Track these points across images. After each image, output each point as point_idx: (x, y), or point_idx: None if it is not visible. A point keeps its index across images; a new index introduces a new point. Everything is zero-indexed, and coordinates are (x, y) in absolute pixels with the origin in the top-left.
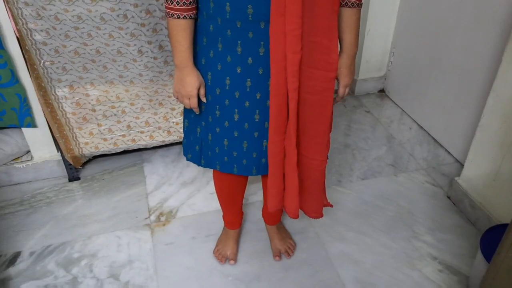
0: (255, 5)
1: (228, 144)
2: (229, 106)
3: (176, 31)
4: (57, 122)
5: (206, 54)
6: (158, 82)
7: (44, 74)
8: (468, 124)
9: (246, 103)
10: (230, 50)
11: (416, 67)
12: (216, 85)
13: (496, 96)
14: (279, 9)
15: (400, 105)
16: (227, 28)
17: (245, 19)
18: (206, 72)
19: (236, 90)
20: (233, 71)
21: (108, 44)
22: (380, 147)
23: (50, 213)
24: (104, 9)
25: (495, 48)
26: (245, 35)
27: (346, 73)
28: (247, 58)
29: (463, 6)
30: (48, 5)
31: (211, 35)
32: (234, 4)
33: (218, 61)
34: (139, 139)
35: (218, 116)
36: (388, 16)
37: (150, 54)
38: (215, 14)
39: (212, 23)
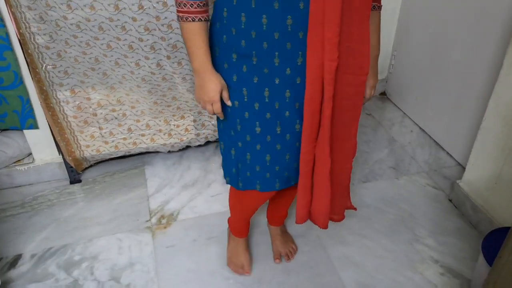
0: (295, 16)
1: (271, 159)
2: (271, 119)
3: (192, 35)
4: (58, 125)
5: (237, 70)
6: (156, 93)
7: (46, 77)
8: (470, 127)
9: (287, 113)
10: (267, 62)
11: (417, 70)
12: (254, 100)
13: (497, 99)
14: (318, 18)
15: (402, 108)
16: (263, 41)
17: (283, 30)
18: (241, 88)
19: (276, 101)
20: (272, 83)
21: (106, 55)
22: (382, 150)
23: (51, 216)
24: (103, 19)
25: (496, 51)
26: (283, 46)
27: (371, 74)
28: (285, 69)
29: (464, 9)
30: (49, 11)
31: (243, 51)
32: (272, 17)
33: (254, 75)
34: (140, 142)
35: (259, 132)
36: (389, 19)
37: (148, 69)
38: (249, 28)
39: (244, 38)
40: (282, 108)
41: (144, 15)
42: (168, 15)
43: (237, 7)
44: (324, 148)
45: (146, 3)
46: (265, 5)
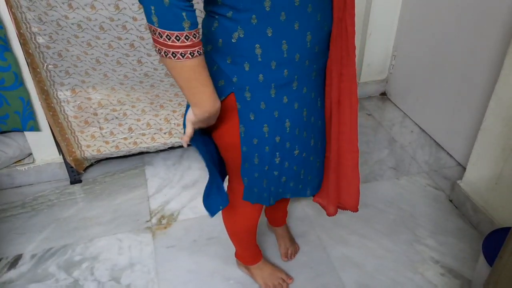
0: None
1: (286, 179)
2: (291, 147)
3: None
4: (59, 125)
5: (254, 108)
6: (159, 87)
7: (47, 77)
8: (470, 127)
9: (304, 133)
10: (286, 90)
11: (417, 70)
12: (276, 134)
13: (498, 99)
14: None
15: (402, 108)
16: (284, 69)
17: (304, 49)
18: (260, 126)
19: (296, 128)
20: (291, 110)
21: (108, 54)
22: (382, 150)
23: (51, 216)
24: (103, 18)
25: (496, 51)
26: (302, 66)
27: None
28: (302, 89)
29: (465, 9)
30: (50, 11)
31: (258, 86)
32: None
33: (274, 109)
34: (141, 142)
35: (278, 162)
36: (389, 19)
37: (150, 65)
38: (267, 59)
39: (262, 72)
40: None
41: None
42: None
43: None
44: (352, 138)
45: None
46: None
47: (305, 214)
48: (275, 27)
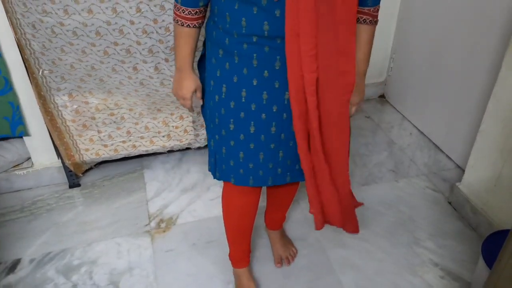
0: (271, 22)
1: (244, 156)
2: (245, 119)
3: (179, 37)
4: (57, 130)
5: (222, 66)
6: (154, 96)
7: (43, 83)
8: (469, 129)
9: (263, 115)
10: (246, 62)
11: (416, 73)
12: (231, 98)
13: (496, 101)
14: (293, 29)
15: (401, 111)
16: (243, 42)
17: (261, 34)
18: (221, 84)
19: (252, 102)
20: (249, 83)
21: (103, 61)
22: (381, 153)
23: (50, 220)
24: (100, 22)
25: (494, 53)
26: (261, 49)
27: (356, 91)
28: (263, 71)
29: (462, 12)
30: (45, 17)
31: (227, 48)
32: (250, 20)
33: (234, 73)
34: (140, 145)
35: (233, 129)
36: (387, 22)
37: (146, 72)
38: (231, 28)
39: (228, 37)
40: (258, 109)
41: (142, 18)
42: (166, 18)
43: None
44: (319, 158)
45: (144, 6)
46: (245, 9)
47: (304, 217)
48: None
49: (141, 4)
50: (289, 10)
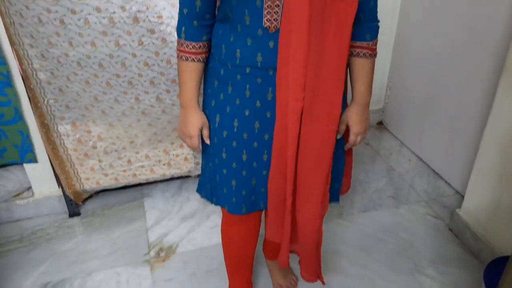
0: (265, 54)
1: (236, 184)
2: (237, 148)
3: (183, 72)
4: (58, 158)
5: (216, 96)
6: (156, 125)
7: (48, 111)
8: (467, 155)
9: (255, 143)
10: (239, 93)
11: (413, 100)
12: (224, 128)
13: (492, 128)
14: (285, 57)
15: (399, 137)
16: (237, 73)
17: (254, 65)
18: (215, 114)
19: (244, 132)
20: (242, 114)
21: (106, 92)
22: (380, 179)
23: (49, 250)
24: (103, 55)
25: (489, 80)
26: (253, 80)
27: (356, 120)
28: (255, 102)
29: (456, 41)
30: (51, 48)
31: (222, 78)
32: (244, 51)
33: (227, 104)
34: (140, 173)
35: (225, 158)
36: (383, 51)
37: (148, 102)
38: (226, 59)
39: (223, 68)
40: (250, 138)
41: (144, 51)
42: (167, 50)
43: (220, 38)
44: (289, 186)
45: (146, 39)
46: (240, 41)
47: None
48: (235, 36)
49: (143, 37)
50: (283, 41)
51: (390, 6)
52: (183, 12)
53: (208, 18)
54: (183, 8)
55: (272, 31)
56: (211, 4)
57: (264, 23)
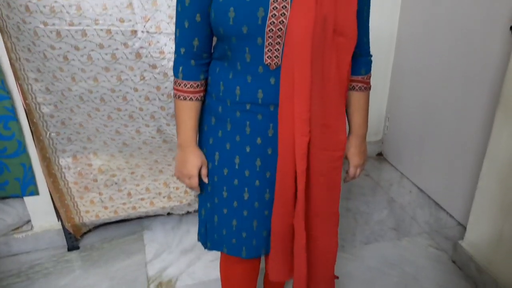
0: (265, 90)
1: (237, 224)
2: (238, 186)
3: (181, 112)
4: (59, 192)
5: (214, 134)
6: (157, 153)
7: (50, 144)
8: (468, 186)
9: (256, 182)
10: (239, 130)
11: (411, 131)
12: (224, 165)
13: (491, 159)
14: (288, 93)
15: (399, 168)
16: (236, 109)
17: (255, 102)
18: (214, 152)
19: (246, 169)
20: (243, 150)
21: (107, 125)
22: (382, 211)
23: (47, 285)
24: (105, 90)
25: (485, 111)
26: (254, 117)
27: (355, 152)
28: (256, 138)
29: (452, 72)
30: (56, 82)
31: (220, 116)
32: (244, 88)
33: (226, 141)
34: (140, 206)
35: (226, 197)
36: (381, 82)
37: (148, 134)
38: (225, 96)
39: (221, 105)
40: (252, 176)
41: (145, 85)
42: (169, 85)
43: (217, 76)
44: (300, 223)
45: (148, 74)
46: (239, 78)
47: None
48: (234, 73)
49: (145, 72)
50: (285, 77)
51: (387, 39)
52: (180, 52)
53: (205, 57)
54: (180, 48)
55: (273, 67)
56: (208, 43)
57: (265, 60)
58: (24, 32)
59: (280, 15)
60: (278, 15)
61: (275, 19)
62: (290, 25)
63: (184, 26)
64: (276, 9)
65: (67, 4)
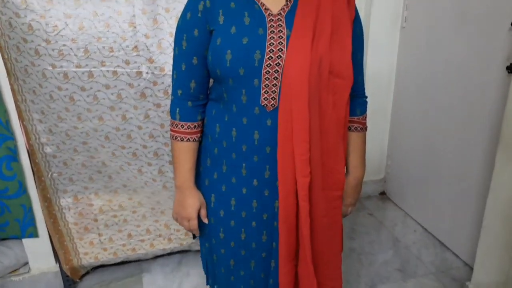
0: (262, 132)
1: (235, 263)
2: (235, 227)
3: (178, 153)
4: (58, 232)
5: (210, 175)
6: (159, 195)
7: (51, 185)
8: (472, 225)
9: (253, 223)
10: (235, 172)
11: (413, 170)
12: (220, 207)
13: (494, 197)
14: (287, 134)
15: (403, 208)
16: (232, 151)
17: (251, 144)
18: (210, 194)
19: (242, 210)
20: (239, 192)
21: (111, 160)
22: (386, 251)
23: None
24: (109, 128)
25: (487, 150)
26: (250, 159)
27: (350, 193)
28: (252, 180)
29: (452, 112)
30: (60, 123)
31: (215, 157)
32: (240, 130)
33: (222, 183)
34: (140, 248)
35: (223, 238)
36: (381, 121)
37: (149, 175)
38: (221, 138)
39: (217, 146)
40: (249, 217)
41: (149, 123)
42: None
43: (213, 119)
44: (308, 268)
45: (152, 112)
46: (235, 120)
47: None
48: (230, 115)
49: (149, 111)
50: (283, 118)
51: (386, 79)
52: (177, 93)
53: (202, 98)
54: (177, 90)
55: (270, 109)
56: (204, 85)
57: (262, 101)
58: (31, 74)
59: (276, 58)
60: (274, 58)
61: (272, 61)
62: (287, 66)
63: (181, 69)
64: (272, 51)
65: (75, 47)
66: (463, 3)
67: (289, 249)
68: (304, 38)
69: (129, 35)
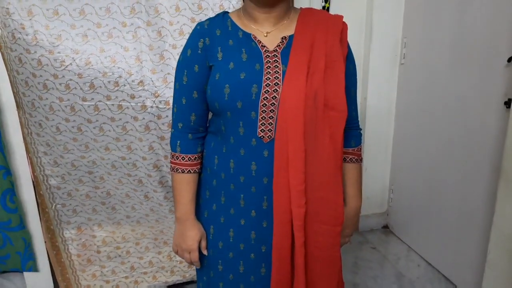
0: (259, 163)
1: None
2: (234, 258)
3: (179, 185)
4: (61, 265)
5: (209, 207)
6: (163, 223)
7: (55, 216)
8: (477, 259)
9: (252, 255)
10: (233, 203)
11: (416, 203)
12: (219, 239)
13: (498, 232)
14: (282, 165)
15: (406, 241)
16: (230, 183)
17: (248, 175)
18: (209, 225)
19: (240, 242)
20: (237, 223)
21: (118, 188)
22: (390, 286)
23: None
24: (115, 158)
25: (488, 183)
26: (248, 190)
27: (347, 224)
28: (250, 211)
29: (452, 145)
30: (66, 154)
31: (214, 189)
32: (238, 161)
33: (221, 214)
34: (142, 280)
35: (221, 270)
36: (382, 154)
37: (156, 200)
38: (219, 170)
39: (216, 178)
40: (247, 249)
41: (153, 154)
42: None
43: (212, 151)
44: None
45: (156, 145)
46: (233, 152)
47: None
48: (228, 147)
49: (153, 143)
50: (279, 149)
51: (386, 114)
52: (178, 126)
53: (201, 131)
54: (178, 123)
55: (267, 140)
56: (204, 118)
57: (259, 133)
58: (38, 108)
59: (272, 91)
60: (271, 91)
61: (268, 95)
62: (283, 99)
63: (182, 102)
64: (269, 85)
65: (82, 82)
66: (460, 39)
67: (281, 279)
68: (299, 73)
69: (135, 70)
